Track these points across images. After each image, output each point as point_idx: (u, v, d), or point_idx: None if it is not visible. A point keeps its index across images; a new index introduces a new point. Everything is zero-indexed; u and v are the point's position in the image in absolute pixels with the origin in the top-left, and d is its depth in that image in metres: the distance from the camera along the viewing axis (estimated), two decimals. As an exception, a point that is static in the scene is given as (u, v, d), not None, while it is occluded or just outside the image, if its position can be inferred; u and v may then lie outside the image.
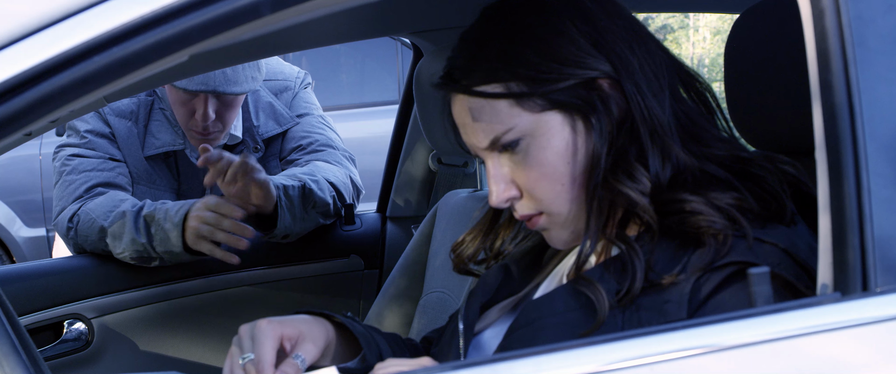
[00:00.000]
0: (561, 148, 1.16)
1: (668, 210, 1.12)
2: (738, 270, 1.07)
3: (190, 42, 0.97)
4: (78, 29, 0.95)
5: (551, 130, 1.15)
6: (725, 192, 1.12)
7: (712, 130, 1.20)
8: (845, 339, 1.01)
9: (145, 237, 2.17)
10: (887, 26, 1.05)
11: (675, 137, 1.15)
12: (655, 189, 1.13)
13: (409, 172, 2.62)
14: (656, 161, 1.13)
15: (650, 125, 1.14)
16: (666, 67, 1.19)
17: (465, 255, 1.33)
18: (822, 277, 1.03)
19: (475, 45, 1.19)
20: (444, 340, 1.30)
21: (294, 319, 1.24)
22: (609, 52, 1.15)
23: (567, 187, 1.17)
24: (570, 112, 1.15)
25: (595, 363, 0.98)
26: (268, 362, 1.14)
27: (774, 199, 1.13)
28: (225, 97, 2.33)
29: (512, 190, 1.19)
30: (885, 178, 1.02)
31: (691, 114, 1.19)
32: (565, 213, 1.19)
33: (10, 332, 0.96)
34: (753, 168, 1.16)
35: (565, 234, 1.21)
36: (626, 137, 1.15)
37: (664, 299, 1.08)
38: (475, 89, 1.17)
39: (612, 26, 1.16)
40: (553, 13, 1.16)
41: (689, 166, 1.14)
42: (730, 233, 1.09)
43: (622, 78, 1.15)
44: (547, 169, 1.16)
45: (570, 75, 1.14)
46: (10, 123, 0.96)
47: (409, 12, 2.17)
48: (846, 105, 1.03)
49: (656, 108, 1.15)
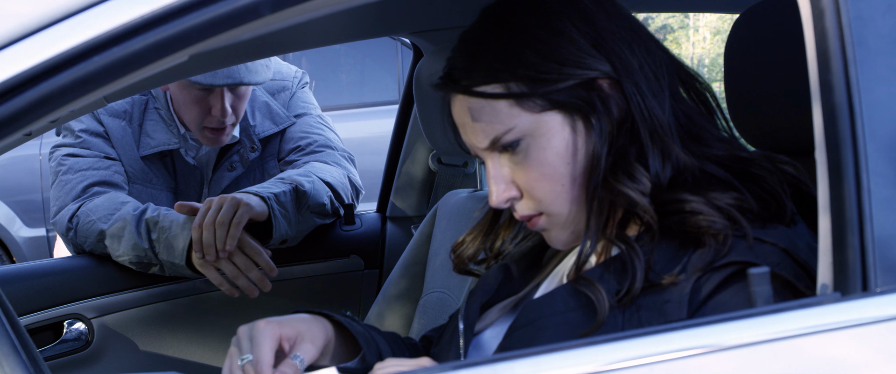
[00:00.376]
0: (561, 148, 1.16)
1: (668, 210, 1.12)
2: (739, 270, 1.07)
3: (190, 42, 0.97)
4: (78, 29, 0.95)
5: (551, 130, 1.15)
6: (725, 192, 1.12)
7: (712, 130, 1.20)
8: (845, 339, 1.01)
9: (147, 243, 2.17)
10: (887, 26, 1.05)
11: (674, 137, 1.15)
12: (655, 189, 1.13)
13: (409, 172, 2.62)
14: (656, 161, 1.13)
15: (650, 125, 1.14)
16: (666, 67, 1.19)
17: (466, 255, 1.33)
18: (821, 277, 1.03)
19: (475, 45, 1.19)
20: (444, 340, 1.30)
21: (292, 319, 1.23)
22: (609, 52, 1.15)
23: (567, 188, 1.16)
24: (569, 112, 1.15)
25: (595, 364, 0.98)
26: (266, 362, 1.14)
27: (774, 199, 1.13)
28: (238, 90, 2.33)
29: (512, 190, 1.19)
30: (885, 178, 1.02)
31: (691, 114, 1.19)
32: (565, 213, 1.18)
33: (10, 332, 0.96)
34: (753, 168, 1.16)
35: (565, 234, 1.21)
36: (626, 138, 1.15)
37: (664, 299, 1.08)
38: (475, 90, 1.17)
39: (611, 26, 1.16)
40: (552, 13, 1.16)
41: (689, 166, 1.14)
42: (730, 233, 1.09)
43: (622, 78, 1.15)
44: (547, 169, 1.16)
45: (569, 76, 1.14)
46: (10, 123, 0.96)
47: (408, 12, 2.17)
48: (846, 105, 1.03)
49: (656, 108, 1.14)
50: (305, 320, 1.25)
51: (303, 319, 1.25)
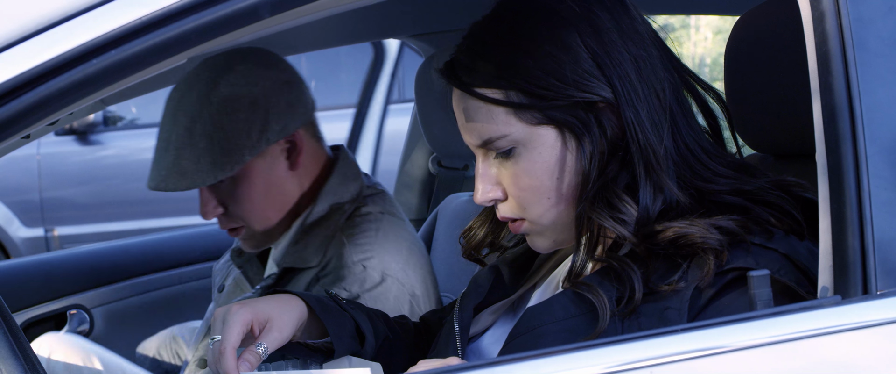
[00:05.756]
0: (550, 163, 1.15)
1: (655, 240, 1.11)
2: (739, 276, 1.07)
3: (188, 45, 0.96)
4: (76, 32, 0.95)
5: (543, 144, 1.15)
6: (726, 216, 1.11)
7: (712, 164, 1.17)
8: (846, 342, 1.01)
9: None
10: (888, 28, 1.05)
11: (671, 170, 1.14)
12: (643, 220, 1.12)
13: (409, 175, 2.62)
14: (647, 193, 1.12)
15: (645, 157, 1.13)
16: (672, 90, 1.17)
17: (474, 241, 1.33)
18: (822, 280, 1.03)
19: (482, 44, 1.18)
20: (440, 343, 1.30)
21: (267, 302, 1.23)
22: (613, 76, 1.13)
23: (552, 201, 1.16)
24: (564, 130, 1.15)
25: (596, 367, 0.98)
26: (231, 345, 1.16)
27: (787, 217, 1.12)
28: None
29: (497, 192, 1.19)
30: (885, 180, 1.02)
31: (693, 147, 1.17)
32: (546, 223, 1.18)
33: (8, 335, 0.96)
34: (760, 197, 1.14)
35: (546, 241, 1.21)
36: (617, 165, 1.14)
37: (664, 305, 1.08)
38: (475, 90, 1.17)
39: (621, 47, 1.14)
40: (565, 24, 1.14)
41: (683, 201, 1.13)
42: (726, 248, 1.08)
43: (622, 106, 1.13)
44: (534, 182, 1.16)
45: (569, 95, 1.13)
46: (9, 126, 0.95)
47: (408, 15, 2.17)
48: (846, 107, 1.03)
49: (653, 139, 1.13)
50: (279, 304, 1.24)
51: (277, 303, 1.24)
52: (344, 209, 1.70)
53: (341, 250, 1.64)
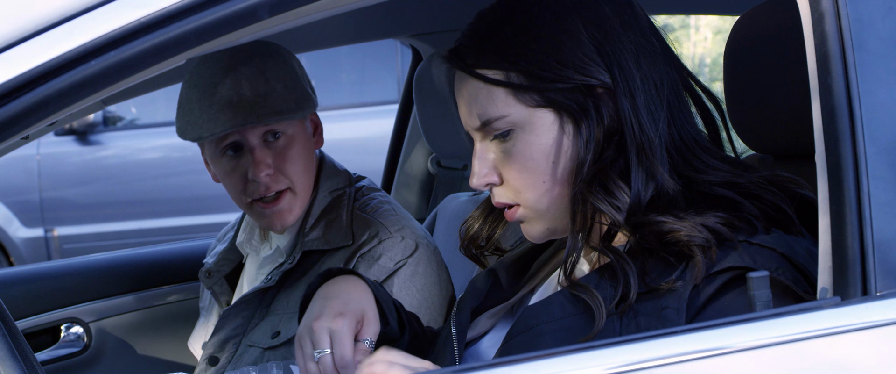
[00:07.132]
0: (547, 146, 1.16)
1: (642, 231, 1.12)
2: (737, 275, 1.07)
3: (187, 46, 0.97)
4: (75, 33, 0.95)
5: (541, 126, 1.16)
6: (714, 211, 1.11)
7: (707, 156, 1.18)
8: (845, 343, 1.01)
9: None
10: (887, 29, 1.05)
11: (663, 158, 1.15)
12: (634, 207, 1.13)
13: (409, 175, 2.62)
14: (639, 180, 1.13)
15: (638, 143, 1.14)
16: (671, 84, 1.18)
17: (471, 234, 1.34)
18: (821, 281, 1.03)
19: (487, 27, 1.20)
20: (437, 346, 1.30)
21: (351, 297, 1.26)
22: (612, 62, 1.15)
23: (547, 186, 1.17)
24: (562, 113, 1.16)
25: (595, 368, 0.98)
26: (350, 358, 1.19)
27: (778, 213, 1.12)
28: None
29: (493, 176, 1.20)
30: (884, 181, 1.02)
31: (688, 138, 1.18)
32: (541, 209, 1.19)
33: (7, 337, 0.96)
34: (752, 190, 1.15)
35: (540, 228, 1.22)
36: (613, 150, 1.15)
37: (662, 305, 1.08)
38: (477, 71, 1.18)
39: (622, 37, 1.16)
40: (569, 11, 1.17)
41: (673, 190, 1.13)
42: (713, 245, 1.08)
43: (618, 91, 1.14)
44: (530, 164, 1.17)
45: (567, 78, 1.14)
46: (9, 127, 0.96)
47: (407, 15, 2.18)
48: (846, 108, 1.03)
49: (648, 127, 1.14)
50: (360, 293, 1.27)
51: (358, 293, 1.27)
52: (345, 193, 1.78)
53: (371, 226, 1.72)
